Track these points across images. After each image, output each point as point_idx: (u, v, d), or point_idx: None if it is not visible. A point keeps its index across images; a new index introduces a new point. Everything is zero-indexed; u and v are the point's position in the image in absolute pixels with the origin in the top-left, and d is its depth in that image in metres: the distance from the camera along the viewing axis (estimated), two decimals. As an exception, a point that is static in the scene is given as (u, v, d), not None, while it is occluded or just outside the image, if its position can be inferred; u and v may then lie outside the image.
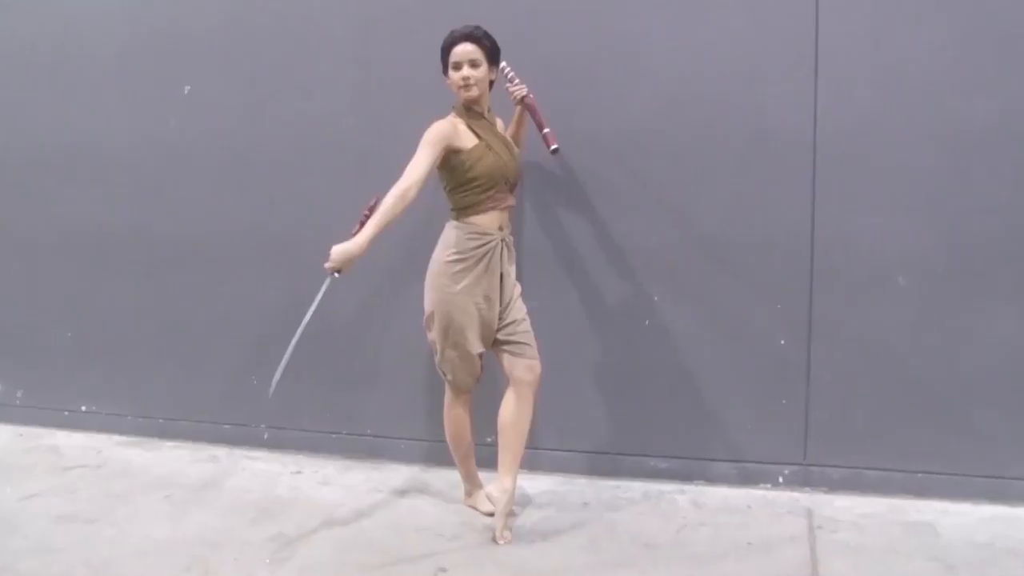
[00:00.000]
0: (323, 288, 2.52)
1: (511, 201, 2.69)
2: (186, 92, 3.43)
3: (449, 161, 2.57)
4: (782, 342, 2.91)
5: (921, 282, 2.80)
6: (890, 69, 2.78)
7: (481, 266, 2.57)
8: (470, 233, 2.59)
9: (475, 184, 2.58)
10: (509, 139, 2.75)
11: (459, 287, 2.55)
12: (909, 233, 2.80)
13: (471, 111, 2.63)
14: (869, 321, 2.84)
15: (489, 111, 2.69)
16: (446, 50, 2.60)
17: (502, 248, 2.62)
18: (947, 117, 2.75)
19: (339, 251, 2.44)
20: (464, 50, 2.57)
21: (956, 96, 2.74)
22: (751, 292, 2.92)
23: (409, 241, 2.94)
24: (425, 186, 2.49)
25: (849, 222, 2.83)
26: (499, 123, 2.74)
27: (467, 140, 2.59)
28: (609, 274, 3.03)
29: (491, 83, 2.67)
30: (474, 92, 2.59)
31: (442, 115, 2.62)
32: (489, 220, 2.61)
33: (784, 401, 2.92)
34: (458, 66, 2.58)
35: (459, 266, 2.56)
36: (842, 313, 2.86)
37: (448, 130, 2.55)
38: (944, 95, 2.75)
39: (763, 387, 2.93)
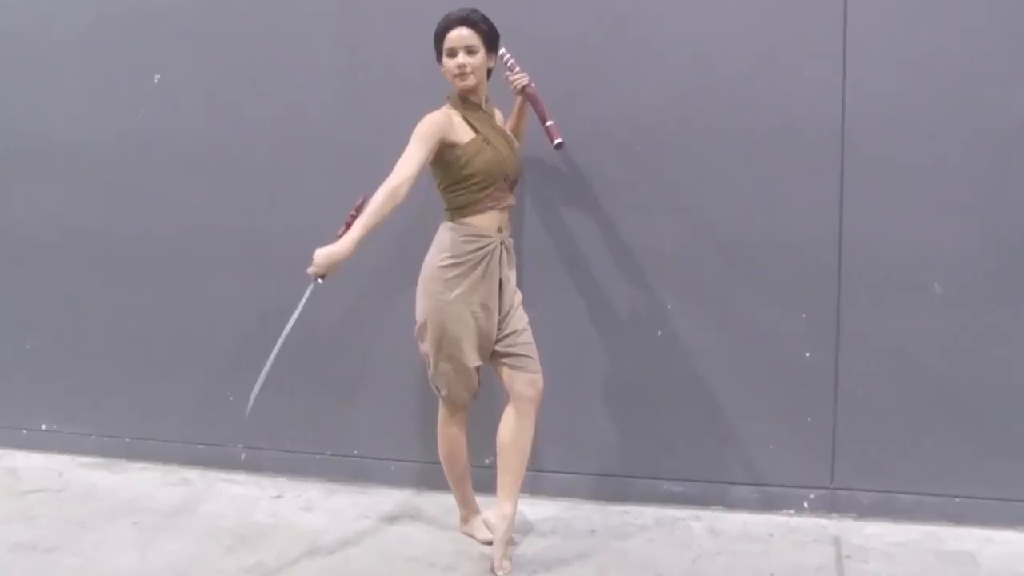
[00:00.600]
0: (306, 295, 2.52)
1: (511, 200, 2.68)
2: (156, 81, 3.43)
3: (443, 156, 2.56)
4: (807, 354, 2.90)
5: (959, 289, 2.79)
6: (925, 57, 2.78)
7: (478, 271, 2.57)
8: (466, 235, 2.58)
9: (472, 182, 2.57)
10: (509, 132, 2.75)
11: (454, 294, 2.54)
12: (946, 235, 2.79)
13: (467, 102, 2.63)
14: (902, 331, 2.83)
15: (487, 102, 2.69)
16: (440, 35, 2.60)
17: (501, 251, 2.62)
18: (987, 109, 2.75)
19: (323, 255, 2.44)
20: (459, 35, 2.57)
21: (996, 87, 2.74)
22: (773, 300, 2.92)
23: (399, 240, 2.94)
24: (417, 183, 2.48)
25: (880, 223, 2.83)
26: (498, 115, 2.74)
27: (463, 133, 2.58)
28: (618, 280, 3.03)
29: (489, 71, 2.67)
30: (471, 81, 2.59)
31: (437, 106, 2.61)
32: (487, 221, 2.61)
33: (809, 419, 2.91)
34: (453, 53, 2.58)
35: (454, 271, 2.55)
36: (873, 322, 2.85)
37: (442, 123, 2.54)
38: (983, 85, 2.75)
39: (787, 403, 2.93)
